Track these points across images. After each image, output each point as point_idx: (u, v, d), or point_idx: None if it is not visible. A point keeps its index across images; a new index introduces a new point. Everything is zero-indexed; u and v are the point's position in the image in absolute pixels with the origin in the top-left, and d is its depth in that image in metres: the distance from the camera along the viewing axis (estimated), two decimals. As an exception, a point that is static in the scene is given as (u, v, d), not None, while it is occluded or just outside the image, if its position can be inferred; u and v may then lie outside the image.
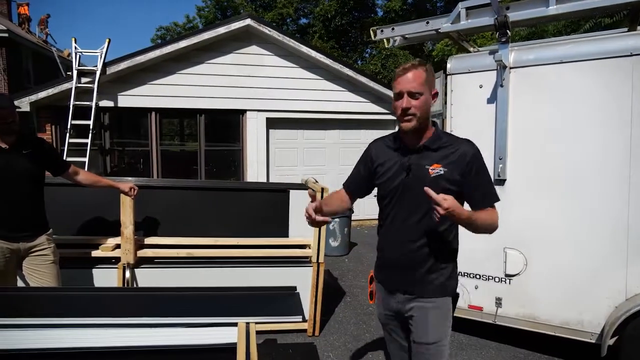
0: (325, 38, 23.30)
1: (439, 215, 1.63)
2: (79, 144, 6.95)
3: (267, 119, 8.22)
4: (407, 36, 3.93)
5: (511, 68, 3.35)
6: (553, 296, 3.30)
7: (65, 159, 3.10)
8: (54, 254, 2.92)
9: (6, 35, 14.01)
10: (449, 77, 3.64)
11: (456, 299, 2.00)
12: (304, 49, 8.03)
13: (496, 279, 3.51)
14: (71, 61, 7.29)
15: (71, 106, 6.91)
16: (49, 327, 1.65)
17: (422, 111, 1.80)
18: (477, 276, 3.57)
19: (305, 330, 3.86)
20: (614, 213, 3.05)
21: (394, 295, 1.98)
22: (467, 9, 3.49)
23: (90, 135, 6.92)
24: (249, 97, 8.01)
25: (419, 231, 1.87)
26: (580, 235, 3.17)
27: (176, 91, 7.65)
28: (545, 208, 3.29)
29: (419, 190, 1.74)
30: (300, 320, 1.99)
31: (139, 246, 3.60)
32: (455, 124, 3.59)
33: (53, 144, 7.15)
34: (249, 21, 7.58)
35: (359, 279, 5.62)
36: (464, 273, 3.58)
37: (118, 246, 3.52)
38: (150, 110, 7.72)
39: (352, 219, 7.04)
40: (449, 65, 3.63)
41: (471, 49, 3.94)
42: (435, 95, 1.84)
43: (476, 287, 3.59)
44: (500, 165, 3.39)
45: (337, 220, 6.59)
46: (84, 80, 7.11)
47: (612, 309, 3.06)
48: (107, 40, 7.36)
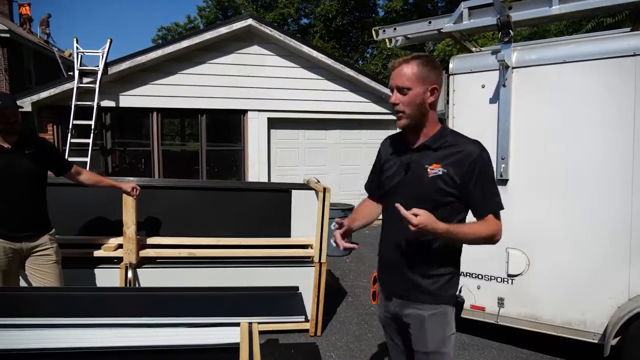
0: (326, 38, 23.30)
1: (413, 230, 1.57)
2: (80, 144, 6.97)
3: (269, 119, 8.23)
4: (409, 36, 3.93)
5: (514, 68, 3.34)
6: (555, 296, 3.29)
7: (66, 159, 3.10)
8: (57, 253, 2.92)
9: (7, 35, 14.04)
10: (451, 77, 3.63)
11: (460, 306, 1.90)
12: (305, 49, 8.03)
13: (498, 279, 3.50)
14: (72, 61, 7.30)
15: (73, 106, 6.93)
16: (51, 327, 1.65)
17: (411, 107, 1.71)
18: (480, 276, 3.57)
19: (307, 330, 3.86)
20: (617, 213, 3.04)
21: (390, 299, 1.93)
22: (470, 8, 3.48)
23: (91, 135, 6.94)
24: (250, 97, 8.02)
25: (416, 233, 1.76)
26: (583, 235, 3.16)
27: (177, 91, 7.66)
28: (548, 208, 3.28)
29: (417, 190, 1.71)
30: (303, 320, 1.99)
31: (141, 246, 3.60)
32: (458, 124, 3.58)
33: (55, 144, 7.16)
34: (250, 21, 7.59)
35: (361, 279, 5.62)
36: (466, 273, 3.58)
37: (120, 246, 3.52)
38: (151, 110, 7.74)
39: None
40: (451, 65, 3.63)
41: (473, 49, 3.93)
42: (433, 90, 1.71)
43: (478, 287, 3.58)
44: (503, 165, 3.38)
45: (338, 220, 6.57)
46: (85, 80, 7.13)
47: (615, 309, 3.05)
48: (109, 40, 7.39)
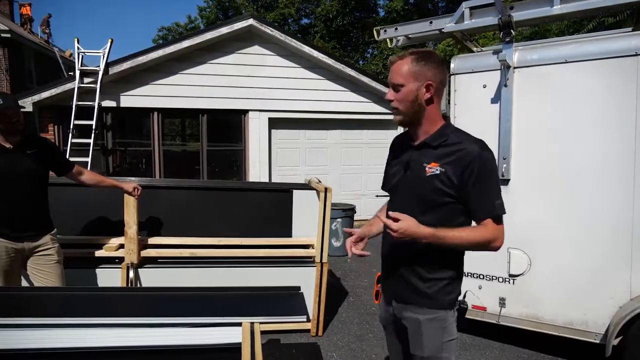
0: (326, 38, 23.30)
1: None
2: (81, 144, 6.97)
3: (269, 119, 8.22)
4: (410, 36, 3.92)
5: (515, 68, 3.34)
6: (557, 296, 3.29)
7: (68, 159, 3.10)
8: (58, 253, 2.92)
9: (8, 35, 14.07)
10: (452, 77, 3.63)
11: (462, 311, 1.88)
12: (306, 49, 8.03)
13: (500, 279, 3.50)
14: (73, 61, 7.30)
15: (74, 106, 6.93)
16: (53, 327, 1.65)
17: (404, 104, 1.68)
18: (481, 276, 3.57)
19: (308, 330, 3.86)
20: (619, 213, 3.04)
21: (390, 300, 1.91)
22: (471, 8, 3.48)
23: (92, 135, 6.94)
24: (250, 97, 8.01)
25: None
26: (584, 235, 3.16)
27: (178, 91, 7.66)
28: (550, 208, 3.28)
29: (415, 189, 1.69)
30: (305, 320, 1.99)
31: (143, 246, 3.60)
32: (459, 124, 3.53)
33: (56, 144, 7.16)
34: (251, 21, 7.58)
35: (362, 279, 5.61)
36: (467, 273, 3.57)
37: (122, 246, 3.52)
38: (152, 110, 7.73)
39: (354, 219, 7.02)
40: (452, 65, 3.62)
41: (474, 48, 3.93)
42: (428, 86, 1.66)
43: (480, 287, 3.58)
44: (504, 165, 3.38)
45: (339, 220, 6.58)
46: (86, 80, 7.12)
47: (617, 309, 3.05)
48: (110, 40, 7.38)
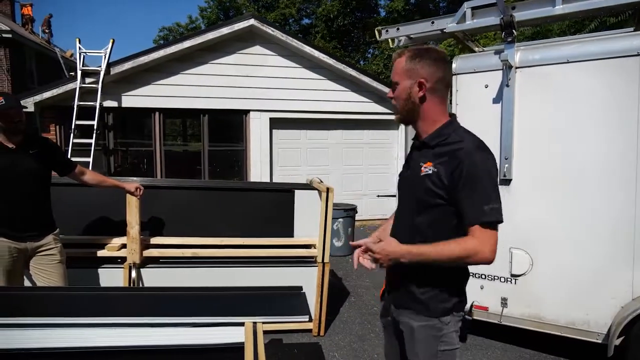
0: (327, 38, 23.30)
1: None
2: (83, 144, 6.98)
3: (271, 119, 8.23)
4: (412, 36, 3.92)
5: (517, 68, 3.34)
6: (559, 296, 3.29)
7: (70, 159, 3.11)
8: (61, 253, 2.93)
9: (10, 36, 14.09)
10: (454, 77, 3.62)
11: (467, 322, 1.78)
12: (307, 49, 8.03)
13: (502, 279, 3.50)
14: (74, 62, 7.31)
15: (75, 106, 6.94)
16: (55, 326, 1.66)
17: (399, 102, 1.67)
18: (483, 276, 3.56)
19: (310, 330, 3.86)
20: (620, 213, 3.04)
21: (390, 303, 1.87)
22: (473, 8, 3.48)
23: (94, 135, 6.95)
24: (252, 97, 8.02)
25: (412, 234, 1.64)
26: (586, 235, 3.16)
27: (179, 91, 7.67)
28: (552, 208, 3.28)
29: (412, 189, 1.68)
30: (307, 319, 1.99)
31: (145, 246, 3.61)
32: (461, 124, 3.58)
33: (57, 144, 7.17)
34: (252, 21, 7.59)
35: (363, 279, 5.61)
36: (469, 273, 3.56)
37: (124, 246, 3.53)
38: (153, 110, 7.74)
39: (356, 219, 7.03)
40: (454, 65, 3.62)
41: (476, 48, 3.93)
42: (421, 84, 1.61)
43: (482, 287, 3.58)
44: (506, 165, 3.38)
45: (340, 220, 6.59)
46: (88, 80, 7.13)
47: (619, 309, 3.05)
48: (111, 40, 7.39)
